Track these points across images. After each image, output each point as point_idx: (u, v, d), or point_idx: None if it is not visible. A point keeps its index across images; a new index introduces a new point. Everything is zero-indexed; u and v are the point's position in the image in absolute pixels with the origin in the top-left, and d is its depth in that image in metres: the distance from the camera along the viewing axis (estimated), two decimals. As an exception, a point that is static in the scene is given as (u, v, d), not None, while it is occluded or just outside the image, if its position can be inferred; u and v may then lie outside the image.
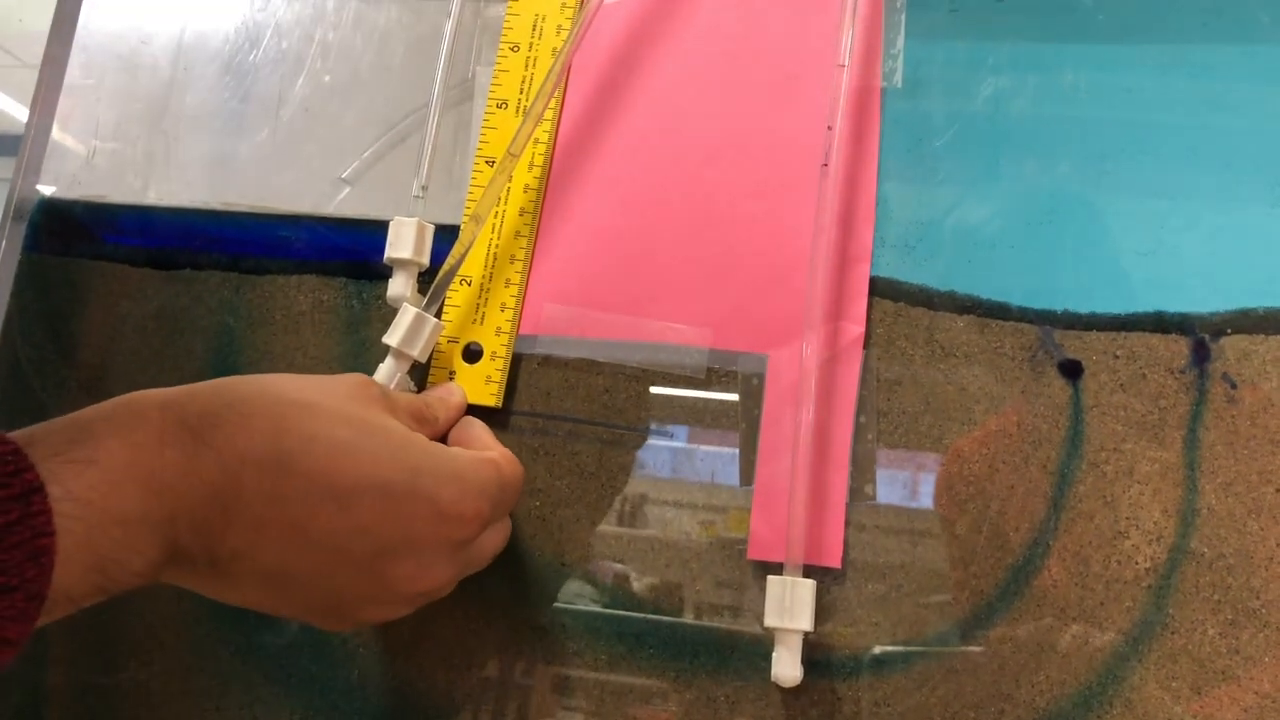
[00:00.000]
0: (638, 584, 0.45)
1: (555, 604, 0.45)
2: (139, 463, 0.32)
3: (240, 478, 0.33)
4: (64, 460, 0.31)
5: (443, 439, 0.44)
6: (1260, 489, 0.40)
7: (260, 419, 0.34)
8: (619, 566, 0.45)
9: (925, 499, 0.43)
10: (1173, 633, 0.40)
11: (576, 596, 0.45)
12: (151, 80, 0.55)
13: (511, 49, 0.50)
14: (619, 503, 0.45)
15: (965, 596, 0.42)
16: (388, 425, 0.38)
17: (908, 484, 0.43)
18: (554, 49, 0.49)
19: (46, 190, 0.55)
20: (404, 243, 0.47)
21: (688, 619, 0.44)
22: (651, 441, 0.46)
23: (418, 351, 0.45)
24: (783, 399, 0.44)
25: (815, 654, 0.42)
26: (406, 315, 0.45)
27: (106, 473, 0.31)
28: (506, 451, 0.43)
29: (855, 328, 0.44)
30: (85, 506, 0.30)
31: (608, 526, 0.45)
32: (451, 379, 0.46)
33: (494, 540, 0.42)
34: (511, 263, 0.47)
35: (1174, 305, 0.42)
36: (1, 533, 0.28)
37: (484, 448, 0.43)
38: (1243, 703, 0.39)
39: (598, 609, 0.44)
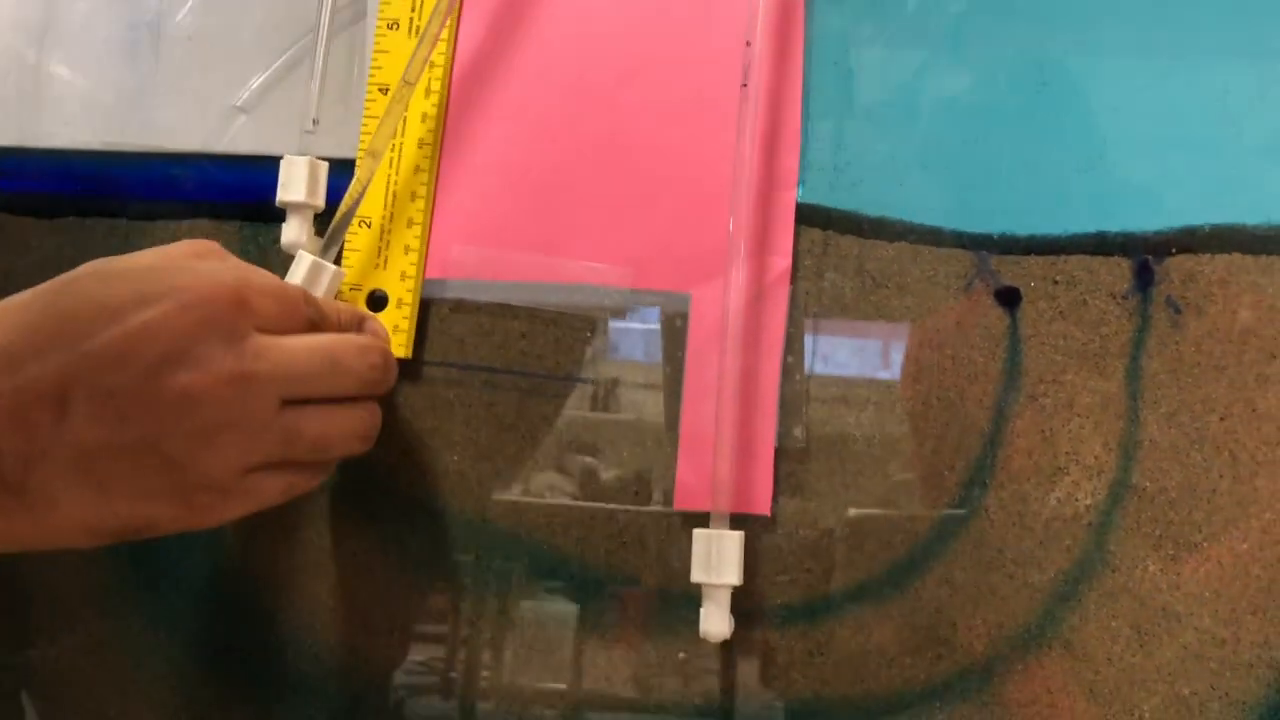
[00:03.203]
0: (568, 537, 0.43)
1: (478, 561, 0.43)
2: None
3: (33, 344, 0.32)
4: None
5: None
6: (1204, 418, 0.39)
7: (46, 292, 0.34)
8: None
9: (858, 441, 0.41)
10: (1113, 570, 0.39)
11: (498, 550, 0.43)
12: (20, 7, 0.51)
13: (402, -39, 0.45)
14: (541, 453, 0.43)
15: (900, 540, 0.40)
16: (179, 254, 0.37)
17: (838, 424, 0.41)
18: (449, -38, 0.45)
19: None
20: (296, 184, 0.43)
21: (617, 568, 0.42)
22: (572, 388, 0.43)
23: (317, 302, 0.42)
24: (708, 339, 0.42)
25: (746, 604, 0.40)
26: (303, 263, 0.42)
27: None
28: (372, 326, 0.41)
29: (782, 261, 0.41)
30: None
31: (533, 476, 0.43)
32: (357, 329, 0.43)
33: (346, 423, 0.37)
34: (413, 200, 0.44)
35: (1116, 225, 0.40)
36: None
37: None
38: (1182, 639, 0.38)
39: (521, 564, 0.43)
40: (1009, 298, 0.40)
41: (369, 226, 0.44)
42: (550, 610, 0.42)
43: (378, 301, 0.44)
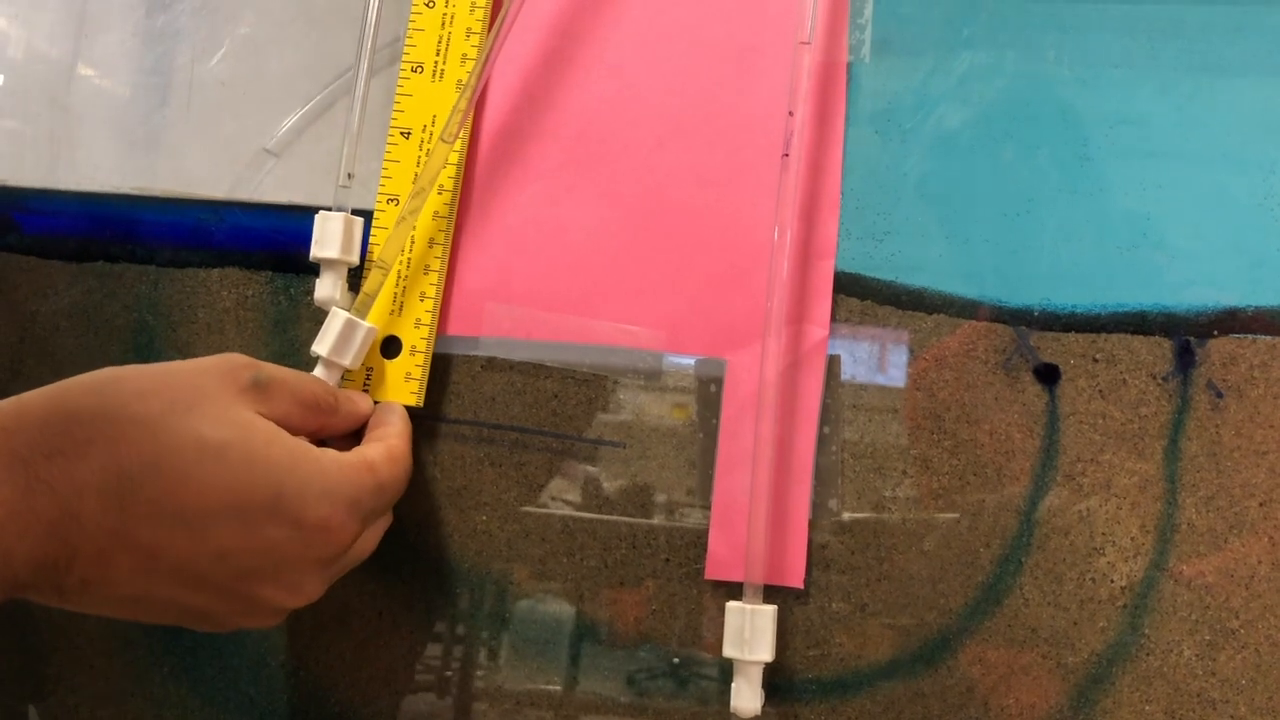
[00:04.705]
0: (590, 604, 0.42)
1: (505, 622, 0.43)
2: None
3: (80, 511, 0.31)
4: None
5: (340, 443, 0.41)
6: (1243, 503, 0.38)
7: (98, 444, 0.31)
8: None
9: (892, 513, 0.40)
10: (1148, 654, 0.38)
11: (525, 611, 0.43)
12: (51, 48, 0.50)
13: (426, 4, 0.45)
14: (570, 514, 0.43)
15: (933, 616, 0.40)
16: (249, 428, 0.34)
17: (873, 497, 0.41)
18: (471, 4, 0.44)
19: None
20: (330, 240, 0.43)
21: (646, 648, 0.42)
22: (604, 451, 0.43)
23: (349, 360, 0.41)
24: (742, 407, 0.41)
25: (776, 678, 0.40)
26: (336, 321, 0.41)
27: None
28: (396, 445, 0.39)
29: (819, 330, 0.41)
30: None
31: (562, 537, 0.43)
32: (369, 376, 0.43)
33: (369, 541, 0.39)
34: (430, 247, 0.43)
35: (1157, 303, 0.40)
36: None
37: (382, 437, 0.40)
38: (1218, 727, 0.38)
39: (550, 627, 0.42)
40: (1048, 375, 0.40)
41: (383, 270, 0.43)
42: (578, 672, 0.42)
43: (391, 348, 0.43)
